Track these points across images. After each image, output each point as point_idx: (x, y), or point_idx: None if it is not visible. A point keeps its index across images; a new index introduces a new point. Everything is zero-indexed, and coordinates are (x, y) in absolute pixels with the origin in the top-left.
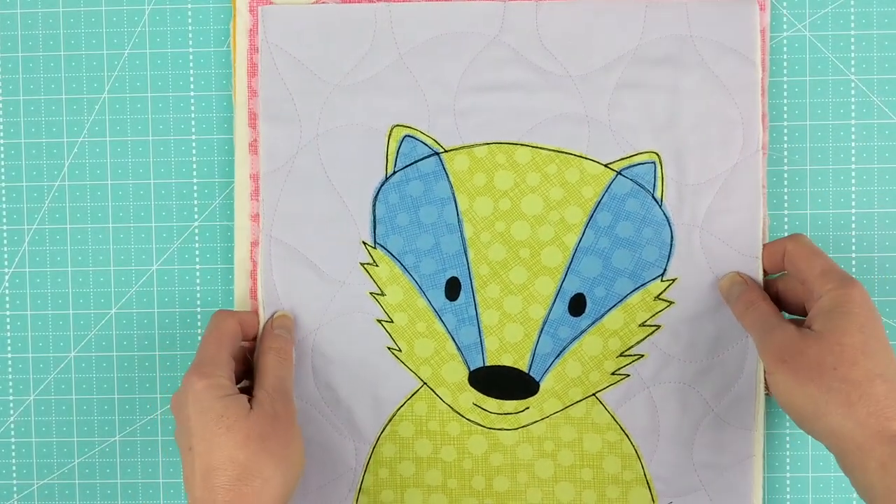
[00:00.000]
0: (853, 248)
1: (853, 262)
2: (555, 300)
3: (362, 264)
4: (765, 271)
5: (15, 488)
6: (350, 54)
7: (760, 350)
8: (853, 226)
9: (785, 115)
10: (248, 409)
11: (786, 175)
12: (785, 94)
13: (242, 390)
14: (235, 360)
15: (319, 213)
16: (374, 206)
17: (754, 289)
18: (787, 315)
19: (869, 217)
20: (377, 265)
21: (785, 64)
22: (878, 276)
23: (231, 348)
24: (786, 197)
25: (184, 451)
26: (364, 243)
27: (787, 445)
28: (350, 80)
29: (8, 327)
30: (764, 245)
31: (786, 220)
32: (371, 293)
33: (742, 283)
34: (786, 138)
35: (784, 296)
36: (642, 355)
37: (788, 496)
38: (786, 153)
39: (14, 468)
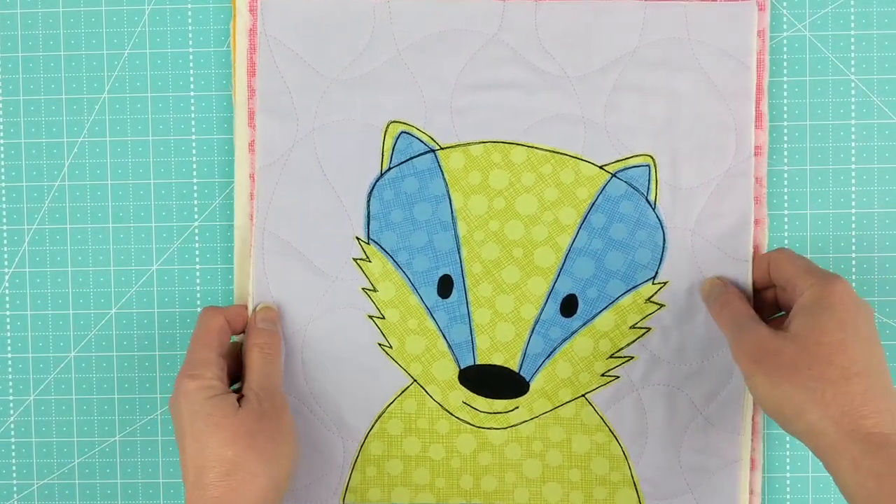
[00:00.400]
0: (853, 248)
1: (853, 262)
2: (547, 300)
3: (355, 260)
4: (754, 283)
5: (15, 488)
6: (348, 49)
7: (733, 350)
8: (853, 226)
9: (785, 115)
10: (237, 408)
11: (786, 175)
12: (785, 94)
13: (237, 389)
14: (227, 356)
15: (314, 208)
16: (368, 201)
17: (732, 291)
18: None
19: (869, 217)
20: (370, 261)
21: (785, 64)
22: (878, 276)
23: (219, 347)
24: (786, 197)
25: (180, 451)
26: (357, 239)
27: (788, 445)
28: (347, 74)
29: (8, 327)
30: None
31: (786, 220)
32: (363, 289)
33: (721, 285)
34: (786, 138)
35: (780, 301)
36: (632, 357)
37: (788, 496)
38: (786, 153)
39: (14, 468)
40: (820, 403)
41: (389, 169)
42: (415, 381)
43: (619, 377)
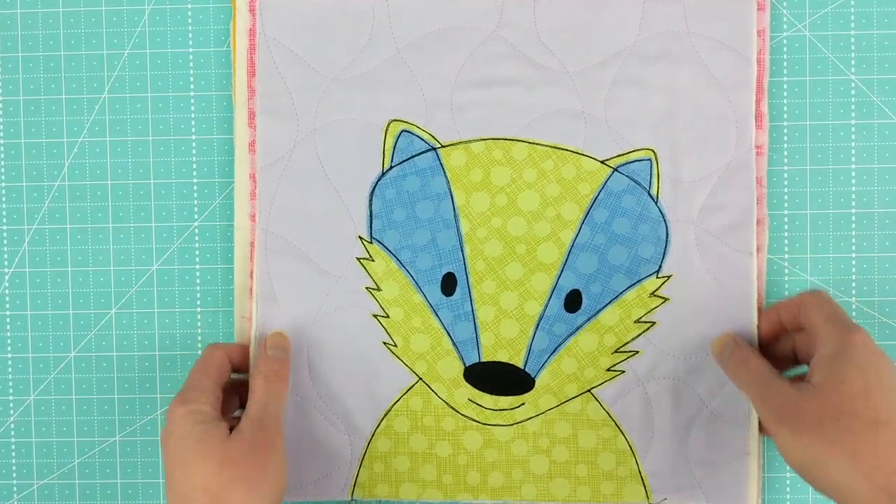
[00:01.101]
0: (853, 248)
1: (853, 262)
2: (550, 296)
3: (358, 259)
4: (778, 328)
5: (15, 488)
6: (348, 48)
7: (759, 412)
8: (853, 226)
9: (785, 115)
10: (226, 435)
11: (786, 175)
12: (785, 94)
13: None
14: (224, 390)
15: (316, 208)
16: (370, 201)
17: (745, 347)
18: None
19: (869, 217)
20: (373, 260)
21: (785, 64)
22: (878, 276)
23: (217, 377)
24: (786, 197)
25: (167, 482)
26: (360, 238)
27: None
28: (347, 74)
29: (8, 327)
30: (781, 302)
31: (786, 220)
32: (367, 288)
33: (733, 343)
34: (786, 138)
35: (798, 350)
36: (637, 352)
37: (788, 496)
38: (786, 153)
39: (14, 468)
40: (849, 457)
41: (391, 168)
42: (420, 379)
43: (624, 371)
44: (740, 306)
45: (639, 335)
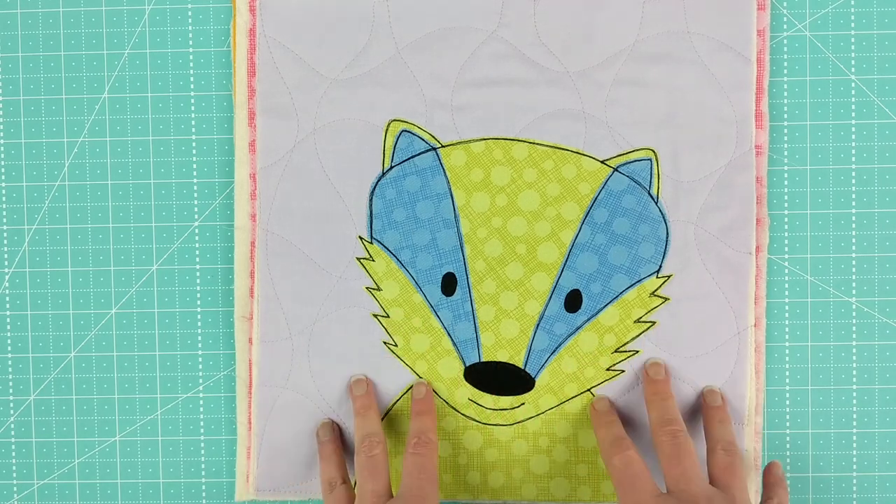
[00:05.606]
0: (853, 248)
1: (853, 262)
2: (551, 296)
3: (358, 259)
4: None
5: (15, 488)
6: (348, 48)
7: None
8: (853, 226)
9: (785, 115)
10: None
11: (786, 175)
12: (785, 94)
13: None
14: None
15: (316, 208)
16: (370, 201)
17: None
18: None
19: (869, 217)
20: (373, 260)
21: (785, 64)
22: (878, 276)
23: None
24: (786, 197)
25: None
26: (360, 238)
27: (788, 445)
28: (347, 74)
29: (8, 327)
30: None
31: (786, 220)
32: (367, 288)
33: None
34: (786, 138)
35: None
36: (637, 351)
37: (789, 496)
38: (786, 153)
39: (14, 468)
40: None
41: (391, 168)
42: (420, 379)
43: (624, 371)
44: (740, 306)
45: (639, 335)
